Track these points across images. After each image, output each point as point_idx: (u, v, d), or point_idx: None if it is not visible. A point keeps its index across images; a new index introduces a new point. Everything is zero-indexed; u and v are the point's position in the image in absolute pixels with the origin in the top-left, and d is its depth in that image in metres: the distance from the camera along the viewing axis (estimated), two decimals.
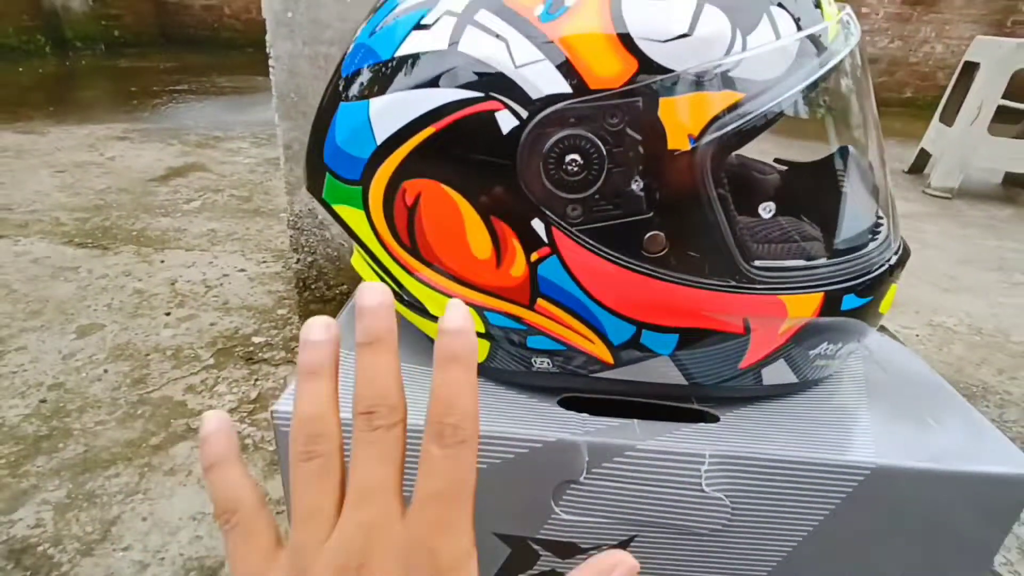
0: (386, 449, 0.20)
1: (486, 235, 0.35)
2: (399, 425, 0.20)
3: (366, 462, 0.20)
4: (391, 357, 0.21)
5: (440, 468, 0.19)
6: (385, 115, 0.35)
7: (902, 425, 0.41)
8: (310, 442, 0.20)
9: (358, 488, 0.19)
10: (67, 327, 1.15)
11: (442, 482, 0.19)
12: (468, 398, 0.20)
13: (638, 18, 0.31)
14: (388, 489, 0.19)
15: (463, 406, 0.20)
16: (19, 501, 0.75)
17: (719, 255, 0.35)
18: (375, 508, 0.19)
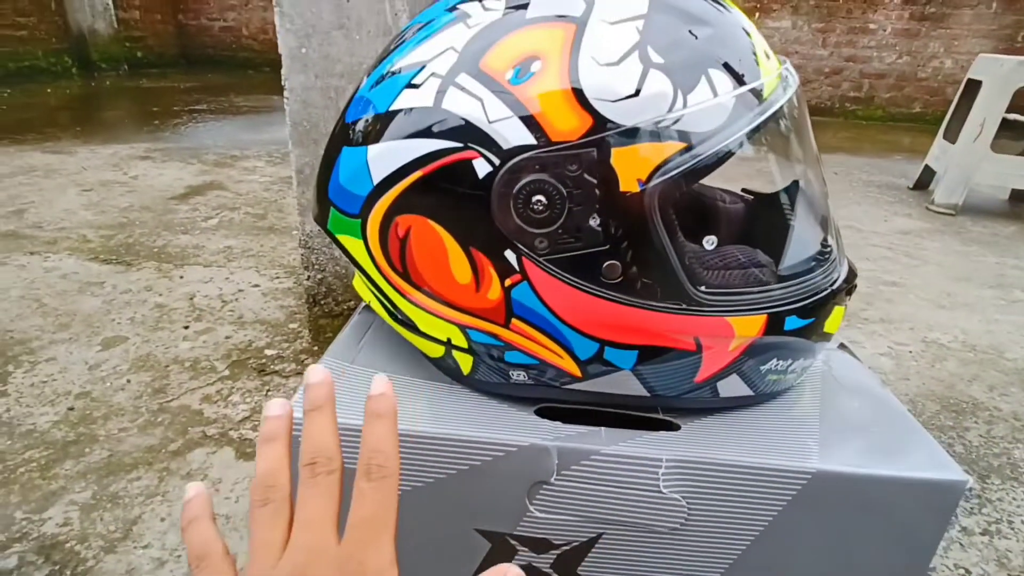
0: (325, 490, 0.25)
1: (466, 263, 0.40)
2: (336, 472, 0.25)
3: (309, 500, 0.25)
4: (330, 420, 0.27)
5: (368, 498, 0.25)
6: (380, 160, 0.41)
7: (847, 435, 0.45)
8: (265, 491, 0.25)
9: (301, 520, 0.24)
10: (93, 339, 1.21)
11: (369, 509, 0.24)
12: (390, 444, 0.26)
13: (592, 81, 0.36)
14: (326, 520, 0.24)
15: (386, 450, 0.26)
16: (49, 501, 0.81)
17: (669, 281, 0.39)
18: (315, 534, 0.24)
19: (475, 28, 0.39)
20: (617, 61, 0.36)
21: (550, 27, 0.37)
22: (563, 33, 0.37)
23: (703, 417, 0.47)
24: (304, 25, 0.95)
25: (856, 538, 0.43)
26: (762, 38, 0.43)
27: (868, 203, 2.55)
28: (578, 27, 0.37)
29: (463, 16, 0.40)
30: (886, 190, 2.78)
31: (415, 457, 0.44)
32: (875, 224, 2.26)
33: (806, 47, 4.97)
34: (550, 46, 0.37)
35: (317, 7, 0.94)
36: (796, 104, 0.43)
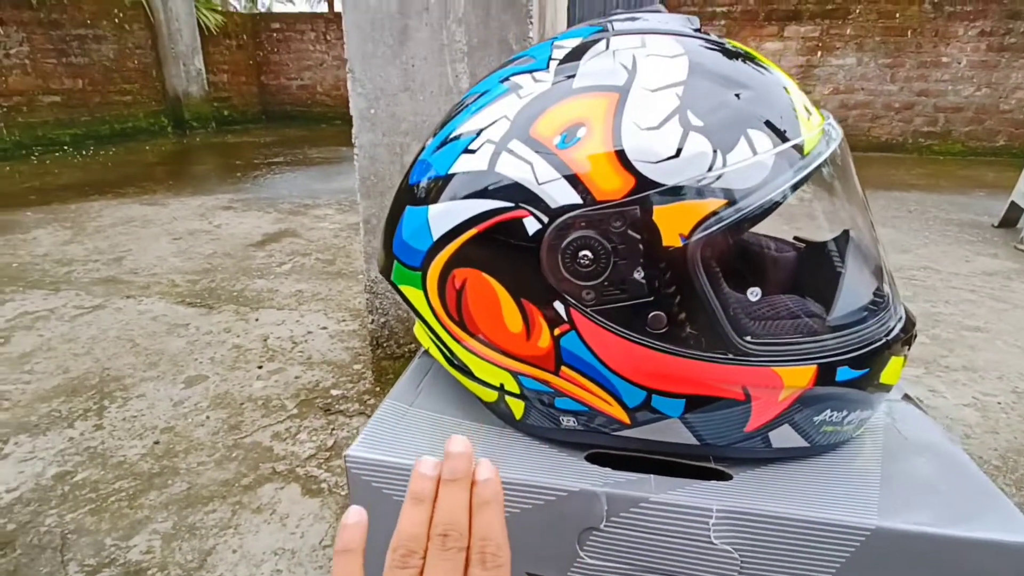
0: (453, 564, 0.26)
1: (518, 313, 0.43)
2: (463, 550, 0.26)
3: (439, 571, 0.26)
4: (466, 496, 0.27)
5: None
6: (440, 218, 0.44)
7: (911, 490, 0.44)
8: (407, 555, 0.26)
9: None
10: (178, 377, 1.31)
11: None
12: (500, 531, 0.27)
13: (635, 144, 0.39)
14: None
15: (496, 538, 0.27)
16: (135, 529, 0.87)
17: (714, 331, 0.40)
18: None
19: (526, 98, 0.43)
20: (658, 125, 0.39)
21: (595, 96, 0.40)
22: (607, 101, 0.40)
23: (756, 467, 0.47)
24: (374, 89, 1.03)
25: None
26: (803, 95, 0.44)
27: (947, 242, 2.42)
28: (621, 95, 0.40)
29: (515, 87, 0.44)
30: (967, 228, 2.63)
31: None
32: (956, 265, 2.14)
33: (873, 83, 4.84)
34: (595, 113, 0.40)
35: (385, 72, 1.02)
36: (840, 156, 0.44)
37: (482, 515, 0.27)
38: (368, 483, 0.47)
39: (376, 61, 1.01)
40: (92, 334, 1.50)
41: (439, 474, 0.28)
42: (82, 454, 1.04)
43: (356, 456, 0.47)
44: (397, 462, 0.47)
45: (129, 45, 5.04)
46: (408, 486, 0.28)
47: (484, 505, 0.27)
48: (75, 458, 1.03)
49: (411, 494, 0.28)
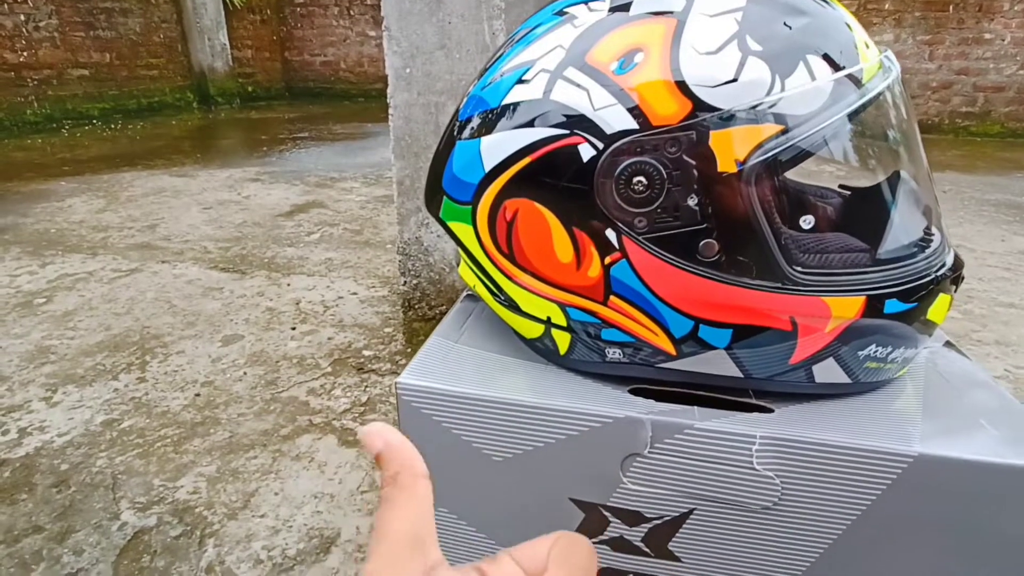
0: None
1: (569, 243, 0.44)
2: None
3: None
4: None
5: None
6: (492, 149, 0.45)
7: (954, 424, 0.44)
8: None
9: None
10: (215, 337, 1.35)
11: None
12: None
13: (692, 69, 0.39)
14: None
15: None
16: (181, 472, 0.91)
17: (765, 260, 0.41)
18: None
19: (581, 27, 0.43)
20: (716, 50, 0.39)
21: (652, 22, 0.41)
22: (664, 27, 0.40)
23: (798, 403, 0.48)
24: (410, 47, 1.03)
25: (963, 531, 0.42)
26: (862, 30, 0.44)
27: (982, 222, 2.37)
28: (679, 21, 0.40)
29: (570, 18, 0.44)
30: (1004, 209, 2.57)
31: (514, 426, 0.47)
32: (991, 244, 2.09)
33: (911, 60, 4.70)
34: (652, 39, 0.40)
35: (422, 29, 1.02)
36: (897, 91, 0.44)
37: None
38: (418, 409, 0.49)
39: (413, 18, 1.02)
40: (131, 295, 1.55)
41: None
42: (128, 403, 1.08)
43: (407, 383, 0.49)
44: (446, 389, 0.48)
45: (155, 19, 5.08)
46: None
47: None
48: (121, 407, 1.07)
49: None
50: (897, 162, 0.48)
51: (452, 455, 0.50)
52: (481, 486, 0.51)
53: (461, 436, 0.49)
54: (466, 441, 0.49)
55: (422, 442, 0.48)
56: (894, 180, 0.48)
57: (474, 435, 0.49)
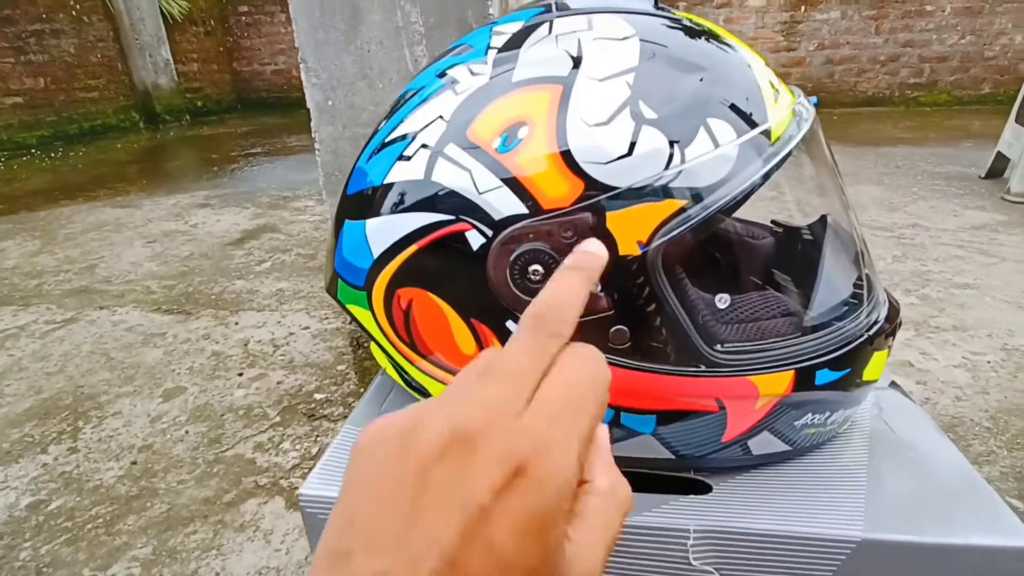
0: (540, 354, 0.20)
1: (469, 334, 0.39)
2: (560, 338, 0.20)
3: (519, 352, 0.20)
4: (586, 289, 0.22)
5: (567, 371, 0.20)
6: (378, 234, 0.40)
7: (898, 494, 0.41)
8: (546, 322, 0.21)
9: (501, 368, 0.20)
10: (155, 391, 1.27)
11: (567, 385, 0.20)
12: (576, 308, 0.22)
13: (581, 144, 0.35)
14: (526, 383, 0.19)
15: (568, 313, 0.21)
16: (113, 557, 0.85)
17: (682, 343, 0.37)
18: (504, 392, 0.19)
19: (463, 95, 0.38)
20: (607, 120, 0.35)
21: (536, 90, 0.36)
22: (549, 96, 0.36)
23: (737, 475, 0.44)
24: (329, 78, 0.98)
25: None
26: (769, 72, 0.40)
27: (935, 197, 2.39)
28: (564, 88, 0.36)
29: (451, 82, 0.40)
30: (955, 181, 2.60)
31: None
32: (944, 220, 2.11)
33: (858, 36, 4.75)
34: (536, 110, 0.36)
35: (340, 59, 0.96)
36: (813, 138, 0.40)
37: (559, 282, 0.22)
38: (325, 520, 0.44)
39: (329, 48, 0.96)
40: (65, 350, 1.46)
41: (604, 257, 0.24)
42: (56, 480, 1.01)
43: (310, 495, 0.44)
44: None
45: (90, 38, 4.88)
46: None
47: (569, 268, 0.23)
48: (49, 485, 1.00)
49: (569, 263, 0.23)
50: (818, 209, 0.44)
51: None
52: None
53: None
54: None
55: None
56: (819, 231, 0.45)
57: None
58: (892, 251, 1.85)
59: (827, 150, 0.42)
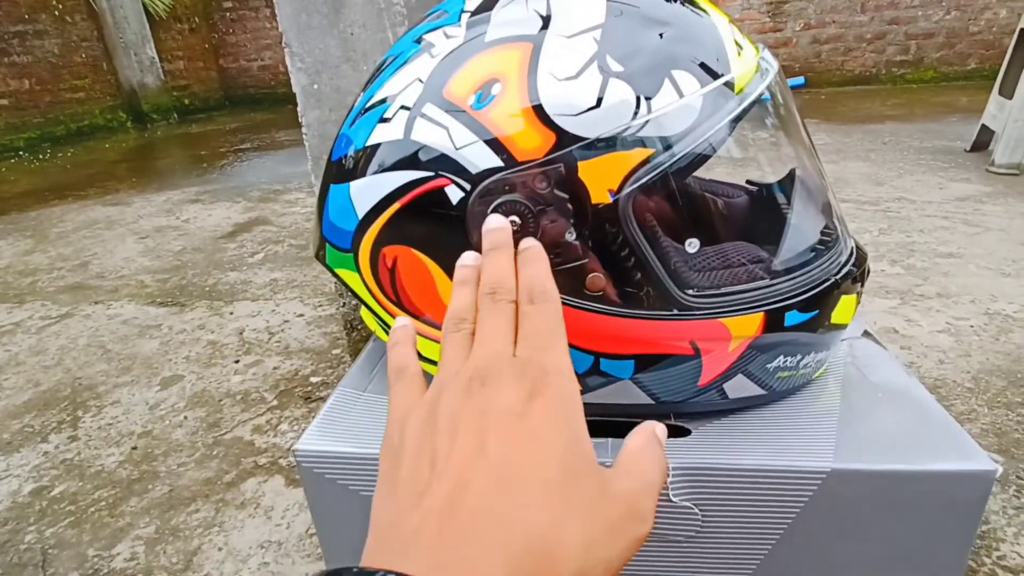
0: (503, 313, 0.26)
1: (452, 288, 0.41)
2: (513, 302, 0.27)
3: (487, 319, 0.26)
4: (508, 259, 0.29)
5: (534, 316, 0.26)
6: (362, 194, 0.42)
7: (868, 430, 0.43)
8: (458, 322, 0.27)
9: (482, 335, 0.26)
10: (152, 380, 1.29)
11: (539, 322, 0.26)
12: (546, 278, 0.28)
13: (552, 97, 0.36)
14: (506, 334, 0.25)
15: (543, 282, 0.28)
16: (116, 538, 0.86)
17: (655, 288, 0.39)
18: (495, 344, 0.25)
19: (438, 57, 0.40)
20: (575, 75, 0.36)
21: (508, 48, 0.38)
22: (520, 53, 0.37)
23: (716, 419, 0.46)
24: (314, 62, 0.98)
25: (883, 537, 0.41)
26: (733, 28, 0.42)
27: (921, 171, 2.41)
28: (535, 45, 0.37)
29: (428, 46, 0.41)
30: (940, 155, 2.62)
31: None
32: (929, 193, 2.13)
33: (844, 15, 4.76)
34: (508, 67, 0.37)
35: (324, 43, 0.97)
36: (778, 91, 0.42)
37: (526, 269, 0.29)
38: (321, 475, 0.46)
39: (313, 32, 0.96)
40: (61, 344, 1.47)
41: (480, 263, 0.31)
42: (58, 467, 1.02)
43: (305, 449, 0.46)
44: (353, 452, 0.45)
45: (74, 38, 4.84)
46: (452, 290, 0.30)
47: (528, 262, 0.29)
48: (51, 472, 1.01)
49: (456, 281, 0.30)
50: (787, 162, 0.46)
51: (365, 518, 0.47)
52: None
53: (370, 498, 0.46)
54: None
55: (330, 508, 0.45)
56: (786, 183, 0.46)
57: None
58: (878, 224, 1.87)
59: (792, 103, 0.44)
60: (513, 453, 0.20)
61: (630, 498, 0.21)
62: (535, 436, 0.20)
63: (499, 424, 0.21)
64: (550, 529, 0.18)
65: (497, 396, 0.22)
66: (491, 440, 0.20)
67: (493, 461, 0.19)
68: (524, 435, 0.20)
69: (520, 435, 0.20)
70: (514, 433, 0.20)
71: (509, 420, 0.21)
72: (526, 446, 0.20)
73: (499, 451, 0.20)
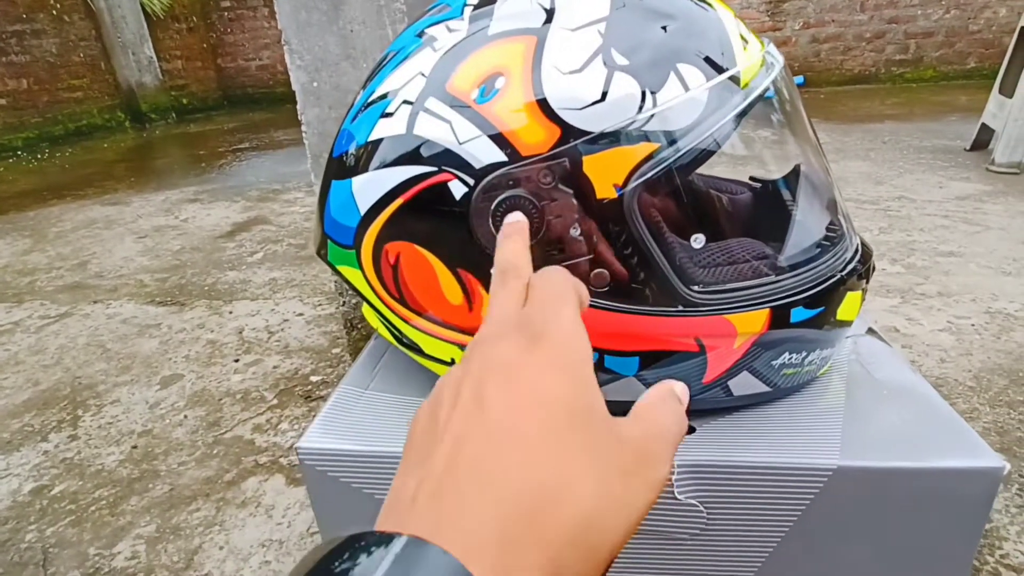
0: (513, 290, 0.25)
1: (456, 285, 0.41)
2: (523, 279, 0.26)
3: (498, 295, 0.26)
4: (522, 244, 0.29)
5: (537, 282, 0.25)
6: (364, 190, 0.42)
7: (874, 427, 0.43)
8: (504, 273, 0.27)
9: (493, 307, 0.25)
10: (152, 379, 1.28)
11: (547, 286, 0.25)
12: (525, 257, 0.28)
13: (556, 91, 0.36)
14: (507, 306, 0.24)
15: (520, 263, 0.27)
16: (117, 536, 0.86)
17: (660, 284, 0.39)
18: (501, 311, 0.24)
19: (441, 51, 0.39)
20: (580, 68, 0.36)
21: (512, 41, 0.37)
22: (524, 47, 0.37)
23: (721, 417, 0.46)
24: (313, 60, 0.98)
25: (889, 534, 0.41)
26: (738, 22, 0.41)
27: (921, 170, 2.41)
28: (539, 38, 0.37)
29: (430, 40, 0.41)
30: (940, 154, 2.62)
31: None
32: (929, 192, 2.13)
33: (843, 14, 4.76)
34: (512, 60, 0.37)
35: (324, 40, 0.97)
36: (783, 85, 0.42)
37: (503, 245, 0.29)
38: (323, 473, 0.46)
39: (312, 30, 0.96)
40: (60, 343, 1.47)
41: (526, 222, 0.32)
42: (58, 466, 1.02)
43: (308, 447, 0.45)
44: (351, 449, 0.45)
45: (72, 38, 4.82)
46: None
47: (505, 237, 0.30)
48: (51, 471, 1.01)
49: (503, 233, 0.31)
50: (792, 158, 0.46)
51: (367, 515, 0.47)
52: None
53: (374, 495, 0.46)
54: (379, 500, 0.46)
55: (332, 505, 0.45)
56: (791, 179, 0.46)
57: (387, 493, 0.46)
58: (879, 223, 1.87)
59: (797, 98, 0.44)
60: (511, 402, 0.19)
61: (642, 442, 0.20)
62: (534, 384, 0.19)
63: (496, 375, 0.20)
64: (552, 476, 0.17)
65: (495, 350, 0.21)
66: (488, 394, 0.19)
67: (490, 414, 0.19)
68: (522, 384, 0.19)
69: (518, 384, 0.19)
70: (511, 383, 0.20)
71: (506, 370, 0.20)
72: (524, 394, 0.19)
73: (496, 403, 0.19)
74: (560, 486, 0.17)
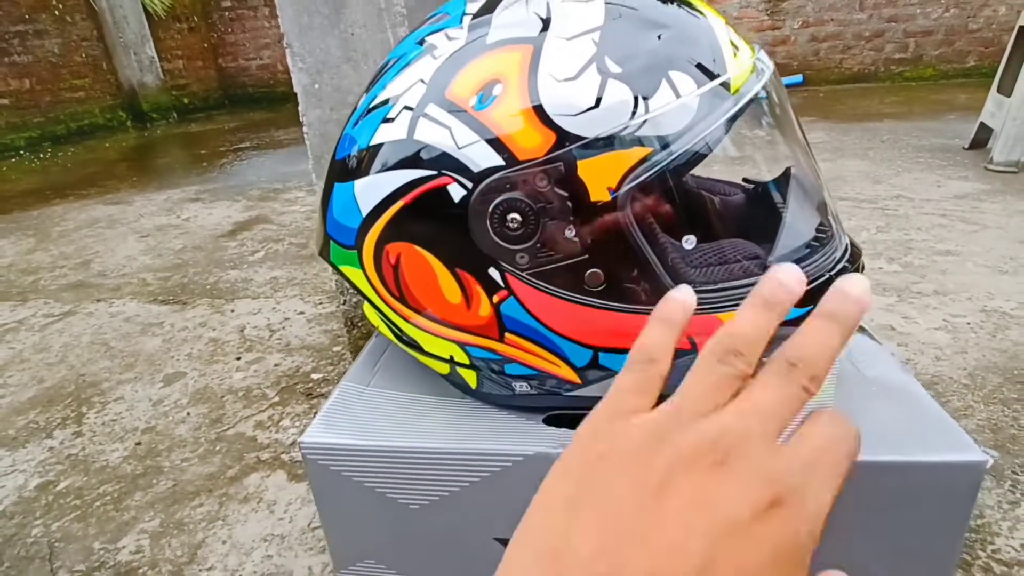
0: (791, 394, 0.20)
1: (454, 284, 0.42)
2: (808, 390, 0.20)
3: (771, 388, 0.20)
4: (837, 340, 0.21)
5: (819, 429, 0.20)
6: (366, 193, 0.43)
7: (861, 422, 0.44)
8: (733, 354, 0.21)
9: (756, 399, 0.20)
10: (155, 377, 1.30)
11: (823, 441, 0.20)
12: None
13: (552, 98, 0.37)
14: (779, 417, 0.20)
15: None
16: (122, 531, 0.87)
17: (652, 284, 0.40)
18: (760, 421, 0.19)
19: (440, 59, 0.41)
20: (575, 75, 0.37)
21: (509, 50, 0.39)
22: (520, 55, 0.38)
23: None
24: (315, 62, 0.99)
25: (876, 527, 0.42)
26: (730, 30, 0.43)
27: (919, 169, 2.42)
28: (535, 47, 0.38)
29: (430, 48, 0.42)
30: (939, 153, 2.63)
31: (428, 474, 0.46)
32: (927, 191, 2.14)
33: (842, 13, 4.76)
34: (509, 68, 0.38)
35: (325, 43, 0.98)
36: (773, 91, 0.43)
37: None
38: (326, 467, 0.47)
39: (314, 32, 0.97)
40: (64, 341, 1.48)
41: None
42: (63, 462, 1.03)
43: (311, 442, 0.47)
44: (353, 444, 0.47)
45: (74, 38, 4.84)
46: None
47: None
48: (56, 467, 1.02)
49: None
50: (782, 161, 0.47)
51: (369, 509, 0.48)
52: (403, 536, 0.49)
53: (375, 489, 0.47)
54: (380, 493, 0.47)
55: (335, 499, 0.46)
56: (782, 180, 0.47)
57: (389, 487, 0.47)
58: (876, 222, 1.88)
59: (787, 103, 0.45)
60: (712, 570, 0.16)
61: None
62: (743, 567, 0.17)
63: (711, 527, 0.17)
64: None
65: (724, 488, 0.18)
66: (694, 541, 0.17)
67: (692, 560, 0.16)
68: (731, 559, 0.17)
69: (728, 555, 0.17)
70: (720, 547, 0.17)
71: (720, 529, 0.17)
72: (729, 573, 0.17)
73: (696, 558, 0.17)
74: None
